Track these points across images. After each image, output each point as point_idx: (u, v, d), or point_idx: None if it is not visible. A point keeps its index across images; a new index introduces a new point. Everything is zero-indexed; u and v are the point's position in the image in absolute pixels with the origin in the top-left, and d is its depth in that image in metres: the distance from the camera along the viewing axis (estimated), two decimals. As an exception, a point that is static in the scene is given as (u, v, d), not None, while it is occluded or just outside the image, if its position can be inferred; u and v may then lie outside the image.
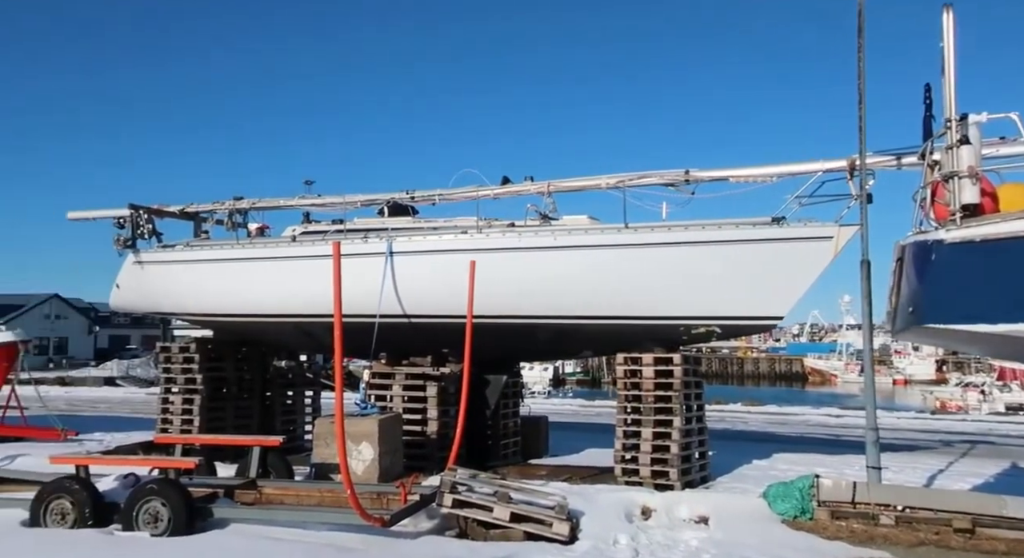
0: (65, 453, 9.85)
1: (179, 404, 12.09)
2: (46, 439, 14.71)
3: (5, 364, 15.76)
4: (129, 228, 12.22)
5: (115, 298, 13.32)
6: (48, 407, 17.01)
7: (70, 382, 37.28)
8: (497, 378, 11.39)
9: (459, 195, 10.95)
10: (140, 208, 12.20)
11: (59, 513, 7.54)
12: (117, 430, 16.28)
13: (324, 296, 9.37)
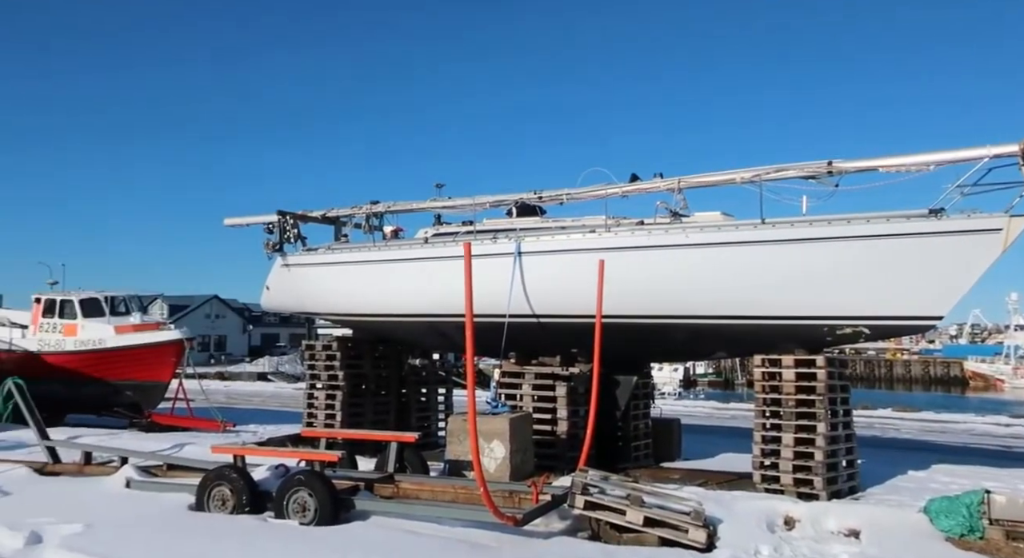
0: (224, 444, 10.63)
1: (323, 399, 12.77)
2: (208, 429, 16.01)
3: (174, 359, 17.29)
4: (277, 233, 13.04)
5: (265, 299, 14.25)
6: (210, 400, 18.52)
7: (228, 377, 40.44)
8: (627, 379, 11.21)
9: (587, 194, 10.86)
10: (287, 214, 12.99)
11: (220, 499, 8.14)
12: (268, 422, 17.48)
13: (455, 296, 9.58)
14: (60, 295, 18.35)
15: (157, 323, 18.63)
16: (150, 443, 12.36)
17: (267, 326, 71.16)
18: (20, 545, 7.13)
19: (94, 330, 17.50)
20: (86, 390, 17.30)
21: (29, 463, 10.40)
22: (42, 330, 17.97)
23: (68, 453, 10.72)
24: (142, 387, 17.11)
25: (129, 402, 17.44)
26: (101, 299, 18.06)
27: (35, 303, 18.46)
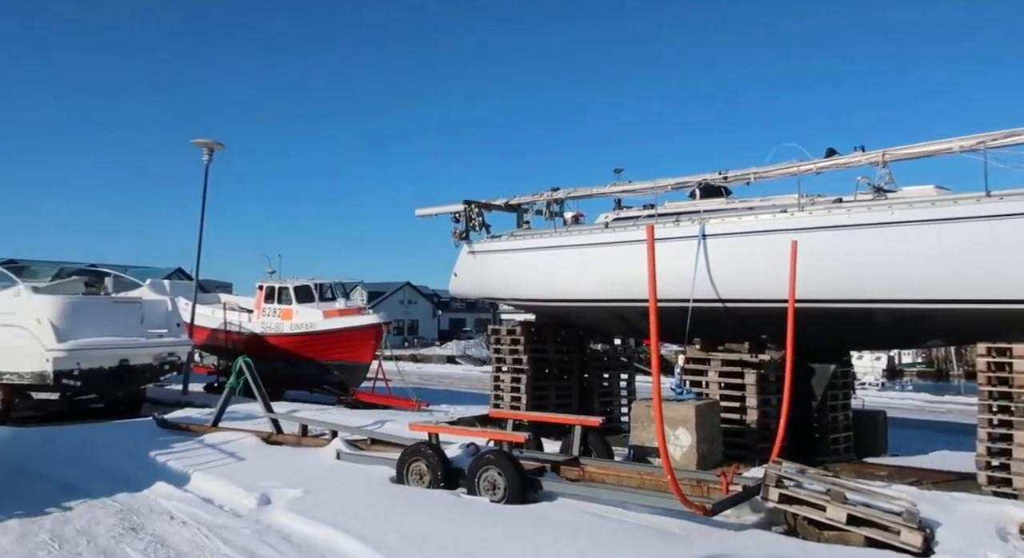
0: (420, 422, 11.31)
1: (508, 382, 13.19)
2: (404, 408, 17.16)
3: (373, 342, 18.70)
4: (463, 222, 13.61)
5: (453, 285, 14.94)
6: (405, 380, 19.81)
7: (420, 359, 43.05)
8: (824, 367, 10.49)
9: (777, 172, 10.25)
10: (472, 203, 13.51)
11: (417, 474, 8.69)
12: (458, 403, 18.39)
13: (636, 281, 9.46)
14: (278, 283, 20.50)
15: (359, 308, 20.22)
16: (355, 418, 13.44)
17: (455, 311, 74.73)
18: (254, 505, 8.07)
19: (306, 314, 19.36)
20: (301, 369, 19.21)
21: (257, 433, 11.71)
22: (264, 314, 20.18)
23: (288, 425, 11.94)
24: (347, 367, 18.69)
25: (336, 381, 19.14)
26: (311, 286, 19.93)
27: (258, 290, 20.78)
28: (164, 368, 15.85)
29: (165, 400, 17.50)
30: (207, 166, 18.89)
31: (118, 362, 14.79)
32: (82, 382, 14.52)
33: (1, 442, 12.24)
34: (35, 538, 7.01)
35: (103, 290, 17.52)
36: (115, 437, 12.13)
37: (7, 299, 15.26)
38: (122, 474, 9.78)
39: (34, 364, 14.27)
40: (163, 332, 15.99)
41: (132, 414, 15.53)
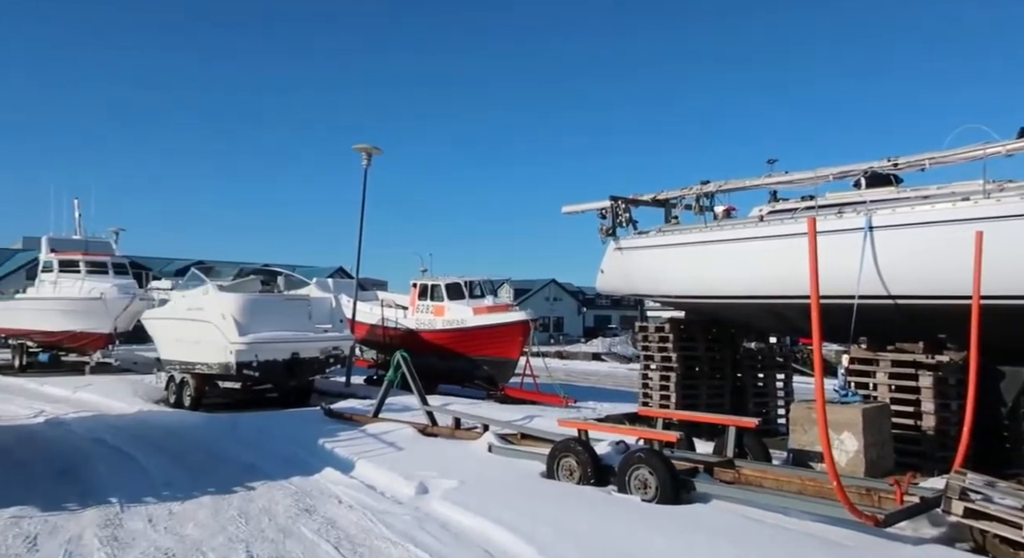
0: (569, 418, 11.40)
1: (657, 380, 12.97)
2: (552, 404, 17.31)
3: (521, 338, 19.03)
4: (610, 218, 13.52)
5: (600, 282, 14.89)
6: (552, 377, 20.01)
7: (566, 356, 43.21)
8: (1015, 370, 9.46)
9: (957, 156, 9.35)
10: (619, 199, 13.40)
11: (567, 469, 8.75)
12: (605, 400, 18.31)
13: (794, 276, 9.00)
14: (430, 280, 21.36)
15: (507, 305, 20.67)
16: (505, 413, 13.74)
17: (600, 308, 74.42)
18: (413, 493, 8.47)
19: (457, 311, 20.04)
20: (452, 363, 19.91)
21: (414, 424, 12.27)
22: (418, 311, 21.11)
23: (442, 417, 12.41)
24: (496, 363, 19.15)
25: (486, 376, 19.66)
26: (462, 284, 20.60)
27: (412, 288, 21.76)
28: (329, 361, 16.98)
29: (330, 391, 18.77)
30: (366, 170, 20.04)
31: (290, 355, 16.01)
32: (260, 373, 15.86)
33: (196, 426, 13.65)
34: (226, 513, 7.75)
35: (276, 288, 19.06)
36: (288, 424, 13.15)
37: (198, 297, 16.98)
38: (296, 459, 10.60)
39: (220, 356, 15.76)
40: (328, 327, 17.12)
41: (301, 403, 16.78)
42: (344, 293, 20.95)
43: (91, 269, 24.29)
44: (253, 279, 18.86)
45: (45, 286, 25.04)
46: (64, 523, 7.28)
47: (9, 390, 19.70)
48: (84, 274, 24.02)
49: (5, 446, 11.47)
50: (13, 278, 40.65)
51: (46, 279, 25.11)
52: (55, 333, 24.39)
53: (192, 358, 16.70)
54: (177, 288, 20.02)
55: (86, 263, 24.46)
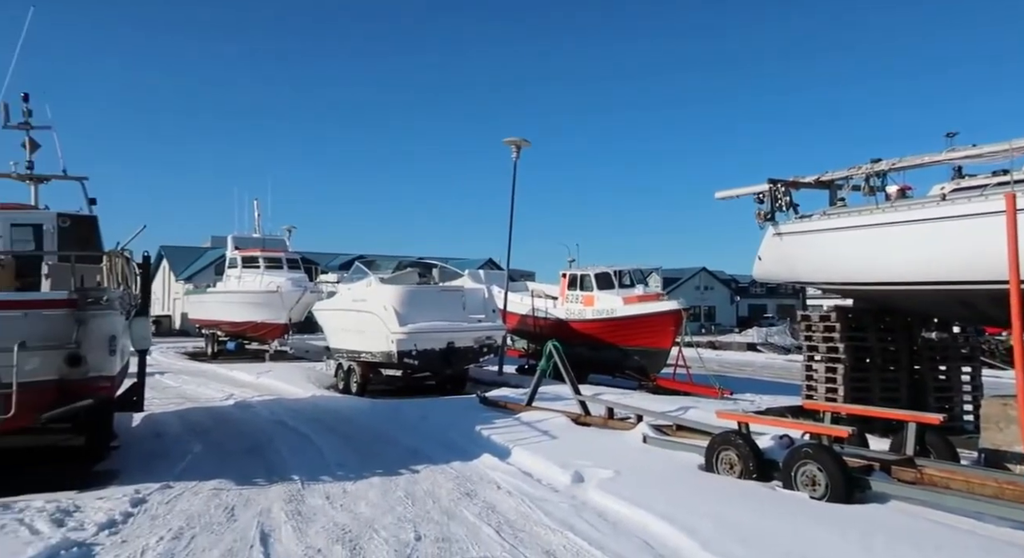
0: (726, 410, 11.01)
1: (822, 372, 12.23)
2: (706, 395, 16.82)
3: (673, 328, 18.61)
4: (768, 202, 12.87)
5: (757, 269, 14.23)
6: (706, 367, 19.43)
7: (718, 346, 41.81)
8: None
9: None
10: (778, 182, 12.72)
11: (727, 463, 8.46)
12: (763, 392, 17.53)
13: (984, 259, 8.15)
14: (580, 271, 21.39)
15: (657, 294, 20.28)
16: (657, 404, 13.52)
17: (754, 297, 71.35)
18: (568, 481, 8.54)
19: (606, 301, 19.93)
20: (602, 353, 19.85)
21: (567, 413, 12.36)
22: (567, 301, 21.21)
23: (594, 407, 12.42)
24: (647, 353, 18.87)
25: (637, 366, 19.43)
26: (611, 273, 20.45)
27: (561, 278, 21.89)
28: (483, 350, 17.47)
29: (483, 379, 19.33)
30: (515, 163, 20.37)
31: (446, 344, 16.63)
32: (418, 361, 16.60)
33: (362, 411, 14.53)
34: (393, 494, 8.20)
35: (432, 280, 19.84)
36: (446, 411, 13.68)
37: (362, 289, 18.05)
38: (455, 444, 11.01)
39: (382, 345, 16.67)
40: (481, 317, 17.62)
41: (457, 391, 17.41)
42: (495, 284, 21.44)
43: (269, 264, 26.54)
44: (411, 271, 19.75)
45: (231, 281, 27.66)
46: (255, 496, 8.00)
47: (204, 375, 21.96)
48: (263, 269, 26.27)
49: (204, 426, 12.78)
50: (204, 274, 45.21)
51: (231, 274, 27.74)
52: (240, 323, 26.88)
53: (358, 347, 17.77)
54: (343, 281, 21.41)
55: (264, 259, 26.74)
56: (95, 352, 8.45)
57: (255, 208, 30.70)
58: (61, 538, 6.21)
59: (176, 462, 9.72)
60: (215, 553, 6.16)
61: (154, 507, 7.49)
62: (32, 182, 12.50)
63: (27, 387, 7.81)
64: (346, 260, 50.23)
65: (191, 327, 35.64)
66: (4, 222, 11.32)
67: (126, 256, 10.26)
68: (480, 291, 18.49)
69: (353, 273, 20.35)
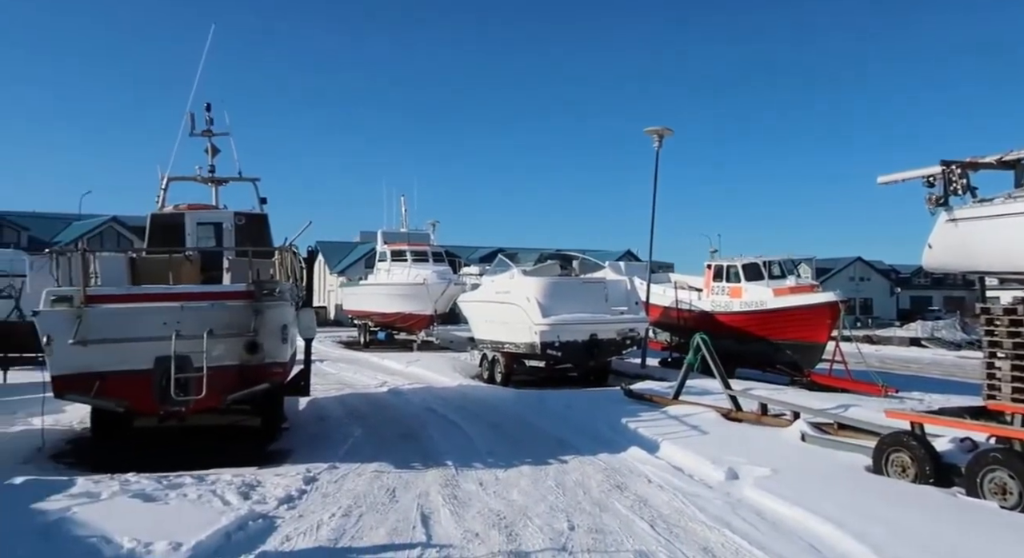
0: (898, 408, 10.26)
1: (1007, 370, 10.97)
2: (868, 393, 15.75)
3: (829, 321, 17.57)
4: (940, 186, 11.79)
5: (927, 258, 13.06)
6: (866, 363, 18.21)
7: (877, 340, 39.01)
8: None
9: None
10: (953, 163, 11.62)
11: (899, 465, 7.90)
12: (933, 391, 16.20)
13: None
14: (726, 261, 20.67)
15: (811, 285, 19.21)
16: (814, 401, 12.82)
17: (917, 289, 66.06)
18: (722, 478, 8.30)
19: (755, 292, 19.12)
20: (750, 347, 19.07)
21: (716, 408, 12.00)
22: (713, 293, 20.55)
23: (745, 402, 11.97)
24: (800, 347, 17.93)
25: (788, 361, 18.51)
26: (760, 264, 19.59)
27: (706, 269, 21.24)
28: (626, 342, 17.29)
29: (626, 372, 19.14)
30: (657, 152, 19.96)
31: (589, 336, 16.60)
32: (561, 352, 16.69)
33: (507, 400, 14.83)
34: (544, 483, 8.31)
35: (573, 272, 19.87)
36: (591, 402, 13.67)
37: (505, 281, 18.39)
38: (601, 436, 11.00)
39: (526, 336, 16.90)
40: (624, 310, 17.44)
41: (599, 383, 17.34)
42: (635, 276, 21.14)
43: (415, 258, 27.66)
44: (552, 264, 19.89)
45: (380, 274, 29.08)
46: (413, 480, 8.38)
47: (358, 363, 23.25)
48: (410, 263, 27.41)
49: (362, 411, 13.54)
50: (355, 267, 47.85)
51: (381, 267, 29.16)
52: (389, 314, 28.22)
53: (501, 338, 18.13)
54: (486, 274, 21.88)
55: (411, 253, 27.89)
56: (270, 340, 9.17)
57: (402, 204, 32.09)
58: (248, 510, 6.79)
59: (340, 444, 10.36)
60: (382, 531, 6.51)
61: (324, 485, 8.03)
62: (213, 184, 13.75)
63: (214, 371, 8.61)
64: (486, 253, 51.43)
65: (344, 317, 37.81)
66: (191, 221, 12.53)
67: (294, 251, 11.03)
68: (622, 283, 18.31)
69: (496, 266, 20.76)
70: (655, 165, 20.21)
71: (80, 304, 8.45)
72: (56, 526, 6.11)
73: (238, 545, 6.02)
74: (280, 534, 6.35)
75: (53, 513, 6.44)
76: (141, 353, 8.64)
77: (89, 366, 8.58)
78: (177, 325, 8.62)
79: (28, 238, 42.41)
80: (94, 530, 6.00)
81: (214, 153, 13.63)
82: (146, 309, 8.82)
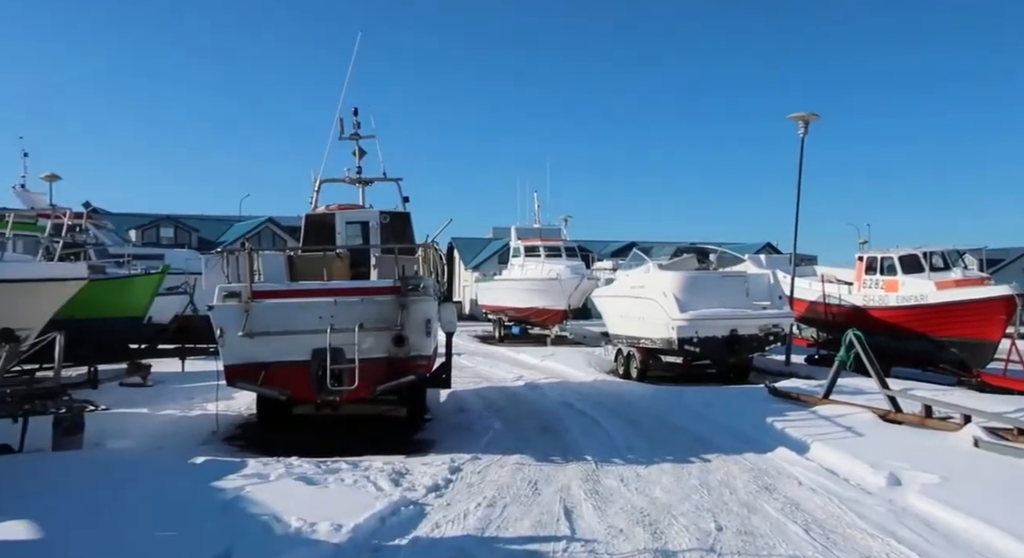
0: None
1: None
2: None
3: (1003, 317, 16.00)
4: None
5: None
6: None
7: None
8: None
9: None
10: None
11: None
12: None
13: None
14: (880, 253, 19.29)
15: (981, 278, 17.54)
16: (987, 403, 11.72)
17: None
18: (883, 484, 7.77)
19: (914, 286, 17.73)
20: (908, 344, 17.70)
21: (872, 409, 11.24)
22: (865, 286, 19.26)
23: (907, 404, 11.13)
24: (968, 344, 16.44)
25: (954, 359, 17.02)
26: (919, 255, 18.13)
27: (858, 261, 19.93)
28: (768, 339, 16.56)
29: (769, 369, 18.34)
30: (803, 139, 18.95)
31: (729, 331, 16.05)
32: (699, 348, 16.25)
33: (644, 396, 14.63)
34: (687, 482, 8.12)
35: (711, 265, 19.26)
36: (732, 400, 13.21)
37: (640, 275, 18.14)
38: (745, 435, 10.61)
39: (662, 331, 16.59)
40: (767, 304, 16.72)
41: (740, 380, 16.73)
42: (777, 269, 20.17)
43: (548, 253, 27.89)
44: (689, 257, 19.37)
45: (514, 269, 29.54)
46: (553, 473, 8.44)
47: (494, 357, 23.74)
48: (543, 257, 27.65)
49: (500, 404, 13.81)
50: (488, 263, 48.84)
51: (515, 263, 29.63)
52: (523, 309, 28.60)
53: (637, 333, 17.91)
54: (620, 268, 21.68)
55: (544, 248, 28.13)
56: (416, 334, 9.55)
57: (535, 200, 32.40)
58: (399, 496, 7.11)
59: (480, 436, 10.62)
60: (526, 523, 6.61)
61: (468, 476, 8.25)
62: (360, 185, 14.49)
63: (365, 363, 9.07)
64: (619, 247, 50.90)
65: (479, 312, 38.70)
66: (341, 221, 13.26)
67: (436, 247, 11.41)
68: (764, 276, 17.54)
69: (631, 260, 20.51)
70: (800, 153, 19.22)
71: (247, 299, 9.16)
72: (233, 503, 6.67)
73: (392, 529, 6.31)
74: (430, 521, 6.59)
75: (230, 491, 7.03)
76: (299, 345, 9.25)
77: (255, 356, 9.29)
78: (331, 319, 9.15)
79: (198, 239, 46.47)
80: (266, 508, 6.49)
81: (360, 155, 14.36)
82: (304, 304, 9.43)
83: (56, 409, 9.00)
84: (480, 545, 6.01)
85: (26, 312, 11.77)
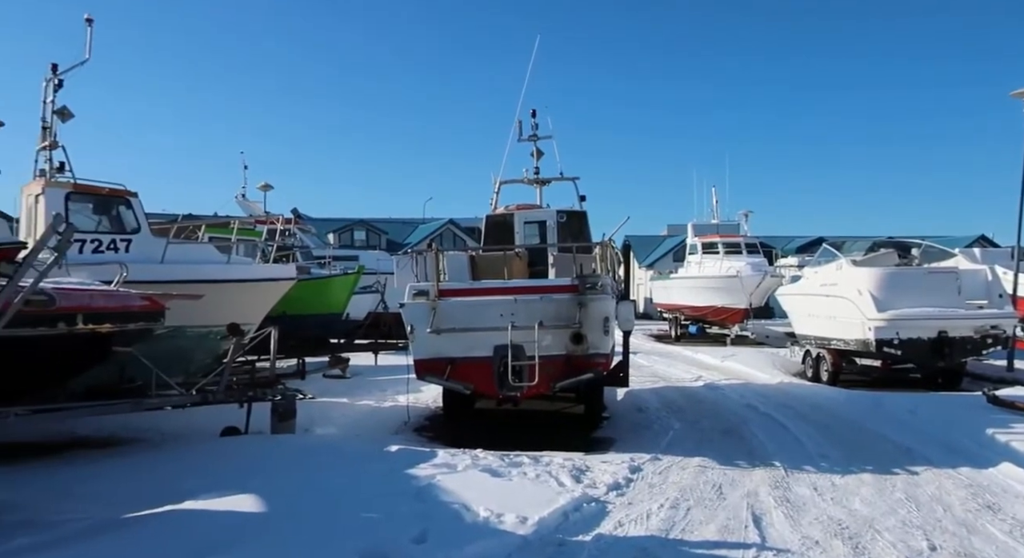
0: None
1: None
2: None
3: None
4: None
5: None
6: None
7: None
8: None
9: None
10: None
11: None
12: None
13: None
14: None
15: None
16: None
17: None
18: None
19: None
20: None
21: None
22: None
23: None
24: None
25: None
26: None
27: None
28: (986, 341, 14.81)
29: (987, 375, 16.40)
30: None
31: (936, 333, 14.55)
32: (901, 351, 14.87)
33: (836, 401, 13.65)
34: (891, 495, 7.46)
35: (913, 261, 17.56)
36: (942, 408, 11.98)
37: (831, 272, 16.93)
38: (959, 447, 9.57)
39: (856, 332, 15.36)
40: (983, 303, 14.98)
41: (950, 387, 15.13)
42: (996, 264, 17.94)
43: (728, 250, 26.84)
44: (888, 252, 17.75)
45: (691, 266, 28.74)
46: (739, 478, 8.10)
47: (671, 356, 23.24)
48: (722, 254, 26.66)
49: (679, 405, 13.50)
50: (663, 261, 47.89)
51: (692, 260, 28.83)
52: (701, 307, 27.74)
53: (827, 333, 16.74)
54: (808, 264, 20.37)
55: (724, 244, 27.10)
56: (594, 332, 9.58)
57: (712, 195, 31.36)
58: (581, 493, 7.16)
59: (660, 436, 10.44)
60: (712, 527, 6.41)
61: (649, 476, 8.14)
62: (537, 185, 14.78)
63: (545, 360, 9.25)
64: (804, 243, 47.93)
65: (653, 310, 38.05)
66: (519, 220, 13.60)
67: (612, 245, 11.37)
68: (980, 272, 15.71)
69: (820, 255, 19.19)
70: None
71: (435, 297, 9.66)
72: (426, 490, 7.05)
73: (575, 525, 6.37)
74: (612, 519, 6.58)
75: (423, 479, 7.44)
76: (482, 342, 9.61)
77: (442, 352, 9.78)
78: (512, 317, 9.42)
79: (387, 241, 49.74)
80: (455, 497, 6.80)
81: (538, 156, 14.64)
82: (486, 302, 9.78)
83: (273, 397, 10.01)
84: (664, 547, 5.90)
85: (248, 309, 13.21)
